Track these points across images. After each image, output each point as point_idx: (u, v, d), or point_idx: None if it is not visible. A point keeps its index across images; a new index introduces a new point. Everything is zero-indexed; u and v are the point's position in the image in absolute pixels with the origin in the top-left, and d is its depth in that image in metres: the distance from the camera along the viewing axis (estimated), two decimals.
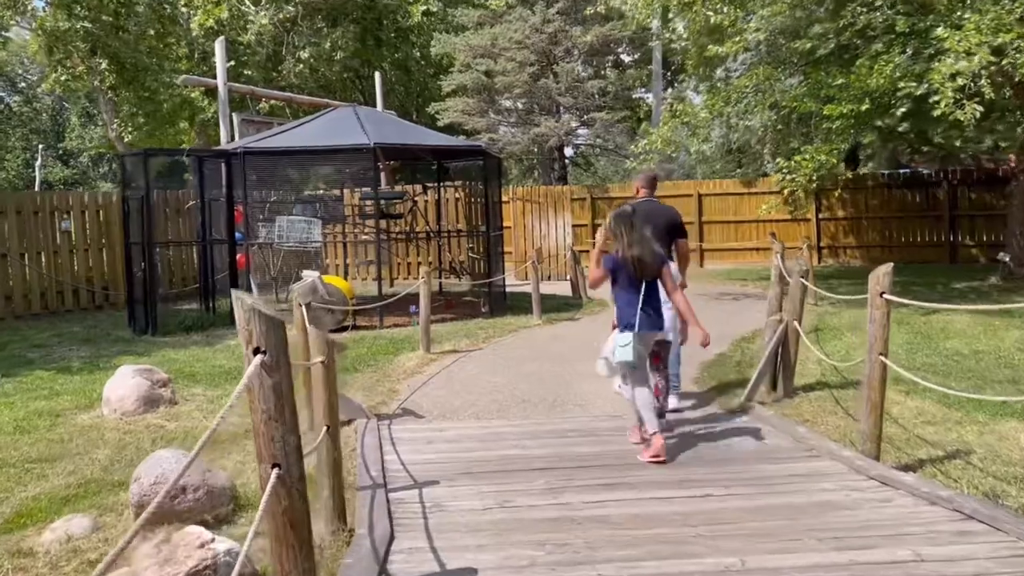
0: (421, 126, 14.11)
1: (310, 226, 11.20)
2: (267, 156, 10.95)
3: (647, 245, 4.69)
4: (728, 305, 12.66)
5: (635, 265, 4.66)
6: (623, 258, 4.68)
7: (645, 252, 4.65)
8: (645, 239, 4.69)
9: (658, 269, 4.74)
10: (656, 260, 4.72)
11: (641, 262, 4.65)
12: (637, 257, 4.64)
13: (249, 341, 2.41)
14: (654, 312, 4.77)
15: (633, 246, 4.65)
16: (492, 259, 12.85)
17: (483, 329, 10.67)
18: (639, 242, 4.66)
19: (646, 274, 4.70)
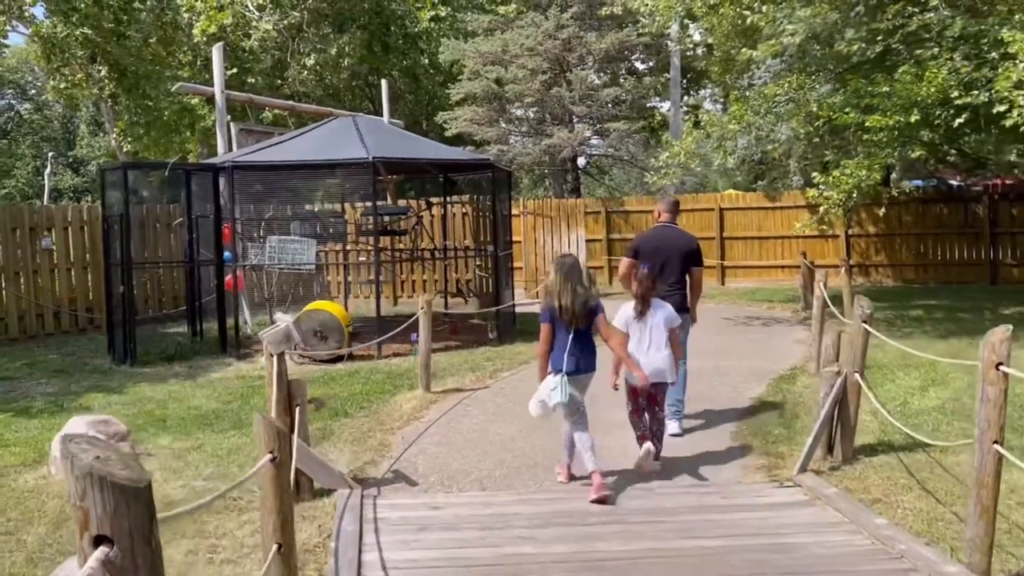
0: (426, 138, 13.22)
1: (304, 247, 10.30)
2: (257, 171, 10.07)
3: (576, 295, 4.98)
4: (757, 332, 11.67)
5: (564, 312, 4.97)
6: (554, 306, 5.01)
7: (573, 301, 4.96)
8: (576, 291, 4.98)
9: (587, 317, 5.03)
10: (583, 309, 5.00)
11: (569, 310, 4.96)
12: (565, 306, 4.96)
13: (85, 526, 1.47)
14: (584, 355, 5.05)
15: (563, 295, 4.97)
16: (500, 279, 11.94)
17: (490, 360, 9.74)
18: (569, 292, 4.97)
19: (574, 321, 4.99)
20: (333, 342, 9.84)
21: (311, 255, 10.38)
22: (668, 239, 6.33)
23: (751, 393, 7.65)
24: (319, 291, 16.63)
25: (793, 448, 5.79)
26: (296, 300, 13.72)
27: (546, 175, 27.59)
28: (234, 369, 9.63)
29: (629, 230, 18.58)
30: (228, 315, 10.91)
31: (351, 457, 5.98)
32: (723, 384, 8.10)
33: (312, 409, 5.32)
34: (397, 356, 10.10)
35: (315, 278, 16.67)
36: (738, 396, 7.56)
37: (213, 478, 5.59)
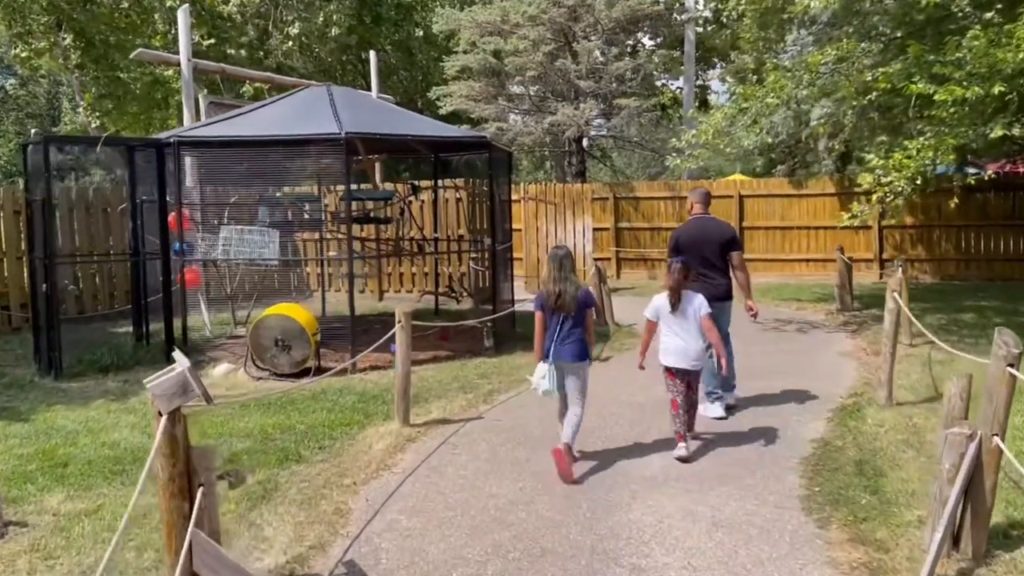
0: (416, 113, 11.57)
1: (266, 238, 8.70)
2: (208, 147, 8.45)
3: (567, 285, 5.21)
4: (793, 340, 10.10)
5: (554, 300, 5.19)
6: (546, 293, 5.25)
7: (563, 290, 5.18)
8: (567, 280, 5.22)
9: (577, 308, 5.21)
10: (573, 300, 5.19)
11: (559, 298, 5.18)
12: (556, 294, 5.19)
13: None
14: (571, 343, 5.23)
15: (556, 283, 5.19)
16: (498, 274, 10.35)
17: (485, 377, 8.18)
18: (561, 281, 5.20)
19: (563, 309, 5.19)
20: (297, 353, 8.27)
21: (274, 248, 8.77)
22: (704, 230, 6.44)
23: (810, 432, 6.09)
24: (297, 285, 15.07)
25: (895, 531, 4.23)
26: (269, 296, 12.14)
27: (547, 158, 25.93)
28: None
29: (639, 219, 17.01)
30: (179, 315, 9.38)
31: (293, 535, 4.42)
32: (771, 416, 6.54)
33: (227, 487, 3.75)
34: (375, 369, 8.53)
35: (292, 271, 15.12)
36: (794, 436, 6.00)
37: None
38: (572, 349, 5.23)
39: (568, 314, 5.19)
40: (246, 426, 6.49)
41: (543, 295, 5.28)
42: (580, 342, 5.26)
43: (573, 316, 5.21)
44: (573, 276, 5.28)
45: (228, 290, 11.05)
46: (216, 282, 10.93)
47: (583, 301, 5.24)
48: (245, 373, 8.36)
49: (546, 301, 5.24)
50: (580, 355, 5.26)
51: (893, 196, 8.66)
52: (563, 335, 5.21)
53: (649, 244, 16.80)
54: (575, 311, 5.20)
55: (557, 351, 5.21)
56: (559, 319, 5.21)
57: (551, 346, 5.21)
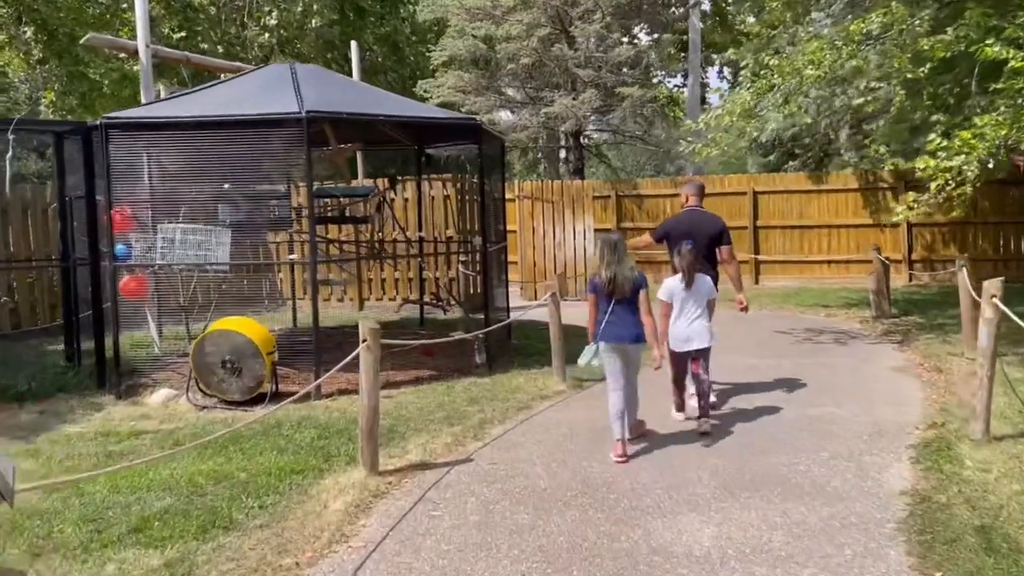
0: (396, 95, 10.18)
1: (212, 238, 7.29)
2: (144, 132, 7.05)
3: (620, 269, 5.28)
4: (832, 353, 8.73)
5: (608, 284, 5.28)
6: (600, 278, 5.33)
7: (617, 273, 5.27)
8: (621, 263, 5.30)
9: (630, 290, 5.30)
10: (627, 282, 5.28)
11: (612, 282, 5.27)
12: (610, 278, 5.27)
13: None
14: (621, 326, 5.30)
15: (610, 267, 5.28)
16: (491, 279, 8.97)
17: (475, 403, 6.80)
18: (615, 264, 5.29)
19: (616, 293, 5.28)
20: (249, 377, 6.87)
21: (223, 251, 7.37)
22: (697, 222, 6.49)
23: (895, 479, 4.72)
24: (270, 292, 13.66)
25: None
26: (231, 306, 10.71)
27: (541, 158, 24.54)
28: (103, 416, 6.66)
29: (644, 218, 15.65)
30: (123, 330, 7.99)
31: None
32: (838, 456, 5.18)
33: None
34: (345, 393, 7.13)
35: (264, 277, 13.72)
36: (877, 487, 4.63)
37: None
38: (630, 330, 5.30)
39: (623, 297, 5.27)
40: (171, 475, 5.09)
41: (598, 279, 5.35)
42: (637, 324, 5.32)
43: (628, 299, 5.29)
44: (627, 259, 5.35)
45: (181, 300, 9.62)
46: (167, 290, 9.49)
47: (637, 284, 5.31)
48: (188, 401, 6.96)
49: (601, 286, 5.31)
50: (637, 337, 5.32)
51: (956, 184, 7.31)
52: (618, 317, 5.28)
53: (654, 245, 15.40)
54: (630, 294, 5.29)
55: (613, 332, 5.28)
56: (613, 302, 5.29)
57: (603, 327, 5.29)
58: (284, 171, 8.65)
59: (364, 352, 4.91)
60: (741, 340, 9.48)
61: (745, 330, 10.19)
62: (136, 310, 8.90)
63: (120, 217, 7.93)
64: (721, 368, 8.01)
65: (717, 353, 8.49)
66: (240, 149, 7.03)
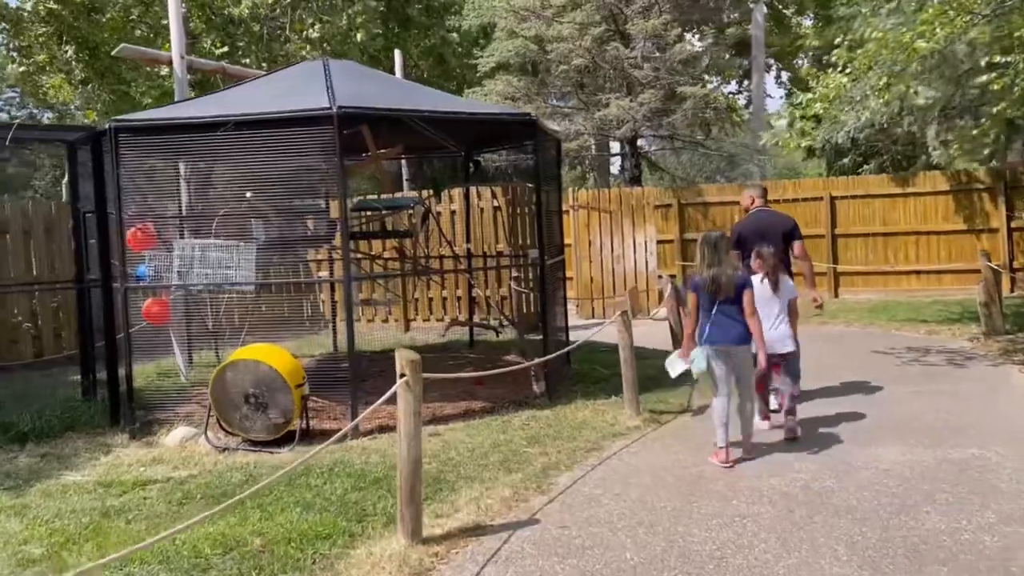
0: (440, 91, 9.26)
1: (234, 255, 6.43)
2: (156, 135, 6.23)
3: (723, 268, 5.10)
4: (948, 376, 7.47)
5: (711, 284, 5.09)
6: (702, 277, 5.15)
7: (720, 273, 5.08)
8: (724, 263, 5.13)
9: (736, 290, 5.10)
10: (731, 282, 5.09)
11: (715, 282, 5.08)
12: (713, 278, 5.08)
13: None
14: (725, 327, 5.10)
15: (713, 267, 5.11)
16: (548, 297, 7.92)
17: (536, 443, 5.78)
18: (717, 264, 5.11)
19: (720, 293, 5.07)
20: (276, 412, 5.95)
21: (247, 269, 6.49)
22: (767, 222, 6.41)
23: None
24: (311, 314, 12.86)
25: None
26: (269, 329, 9.89)
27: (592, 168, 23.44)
28: (110, 461, 5.80)
29: (709, 228, 14.46)
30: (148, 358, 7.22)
31: None
32: (1005, 518, 4.03)
33: None
34: (385, 431, 6.17)
35: (305, 298, 12.93)
36: None
37: None
38: (734, 332, 5.13)
39: (727, 297, 5.11)
40: (171, 542, 4.17)
41: (699, 279, 5.20)
42: (742, 324, 5.14)
43: (732, 299, 5.12)
44: (728, 258, 5.24)
45: (210, 323, 8.81)
46: (195, 313, 8.71)
47: (741, 283, 5.16)
48: (207, 442, 6.07)
49: (704, 286, 5.15)
50: (742, 338, 5.16)
51: None
52: (722, 318, 5.12)
53: None
54: (734, 294, 5.11)
55: (716, 333, 5.13)
56: (716, 302, 5.13)
57: (705, 328, 5.16)
58: (318, 179, 7.78)
59: (402, 391, 3.93)
60: (837, 361, 8.30)
61: (838, 350, 9.00)
62: (160, 336, 8.15)
63: (142, 234, 7.15)
64: (826, 396, 6.91)
65: (815, 378, 7.39)
66: (265, 153, 6.15)
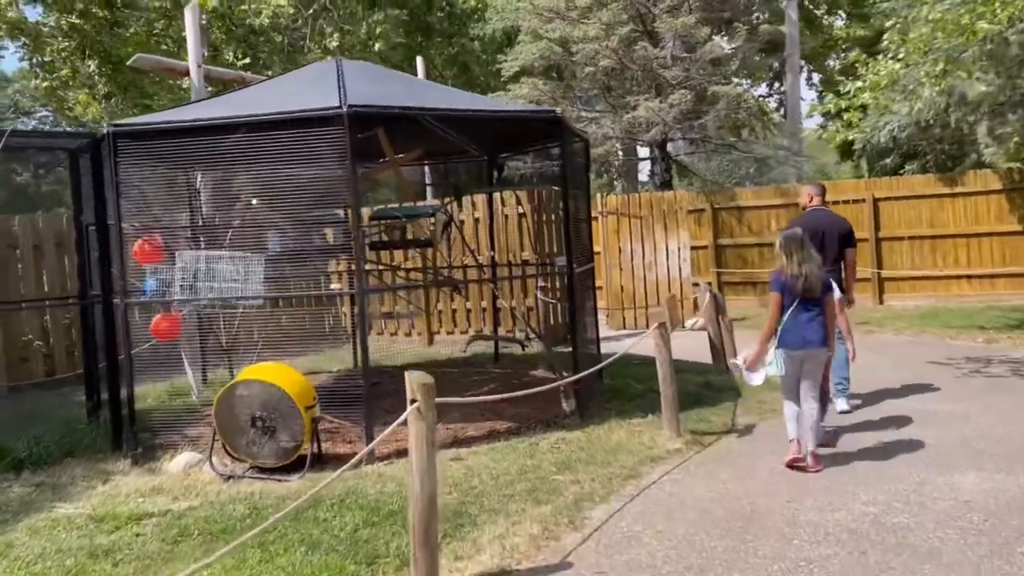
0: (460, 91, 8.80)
1: (241, 268, 6.00)
2: (157, 140, 5.83)
3: (812, 267, 4.98)
4: (1018, 389, 6.84)
5: (801, 284, 4.94)
6: (791, 275, 4.98)
7: (809, 272, 4.95)
8: (811, 261, 5.00)
9: (821, 291, 5.01)
10: (819, 282, 4.99)
11: (805, 281, 4.95)
12: (802, 276, 4.95)
13: None
14: (808, 329, 4.99)
15: (801, 266, 4.97)
16: (577, 307, 7.37)
17: (566, 469, 5.26)
18: (806, 262, 4.98)
19: (810, 293, 4.96)
20: (286, 437, 5.50)
21: (254, 282, 6.06)
22: (825, 221, 6.31)
23: None
24: (332, 327, 12.46)
25: None
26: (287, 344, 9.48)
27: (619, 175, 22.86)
28: (107, 490, 5.38)
29: (745, 233, 13.91)
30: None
31: None
32: None
33: None
34: (403, 455, 5.67)
35: (326, 310, 12.53)
36: None
37: None
38: (816, 333, 5.04)
39: (812, 297, 5.01)
40: None
41: (784, 277, 5.05)
42: (823, 327, 5.06)
43: (816, 300, 5.03)
44: (816, 256, 5.12)
45: (223, 340, 8.43)
46: (207, 329, 8.32)
47: (828, 283, 5.10)
48: (211, 468, 5.63)
49: (790, 285, 5.02)
50: (823, 340, 5.07)
51: None
52: (805, 319, 5.02)
53: (758, 263, 13.64)
54: (820, 294, 5.03)
55: (800, 336, 5.03)
56: (799, 302, 5.02)
57: (788, 331, 5.04)
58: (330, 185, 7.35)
59: (413, 420, 3.44)
60: (891, 373, 7.70)
61: (889, 360, 8.39)
62: (172, 353, 7.76)
63: (149, 247, 6.77)
64: (882, 412, 6.34)
65: (868, 391, 6.83)
66: (273, 158, 5.73)
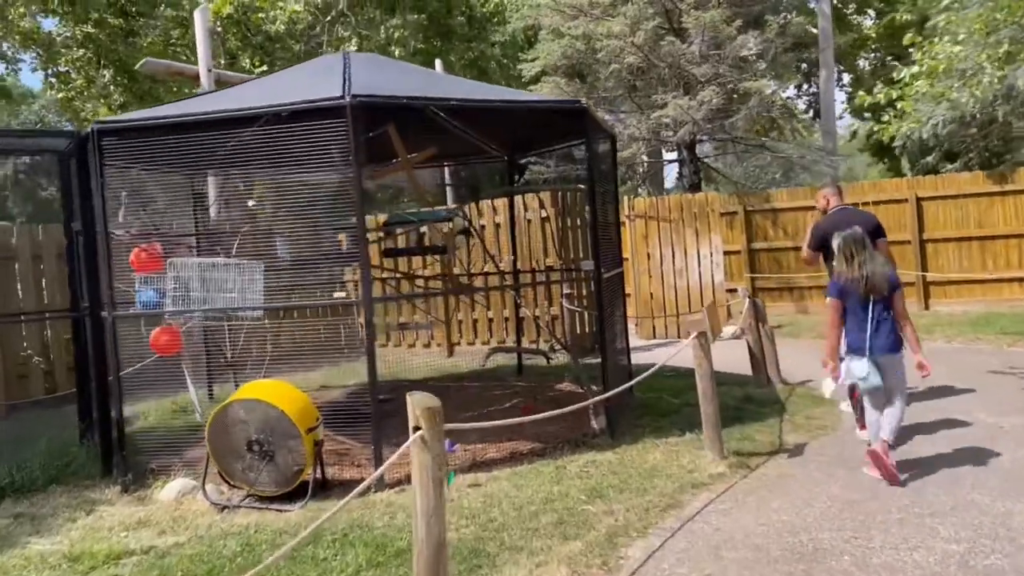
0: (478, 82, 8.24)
1: (236, 276, 5.49)
2: (144, 137, 5.34)
3: (875, 265, 4.72)
4: None
5: (864, 284, 4.68)
6: (851, 279, 4.73)
7: (873, 271, 4.69)
8: (874, 259, 4.75)
9: (888, 290, 4.71)
10: (885, 281, 4.71)
11: (868, 281, 4.68)
12: (864, 276, 4.68)
13: None
14: (882, 334, 4.70)
15: (864, 266, 4.70)
16: (606, 316, 6.76)
17: (598, 497, 4.68)
18: (869, 261, 4.71)
19: (876, 292, 4.69)
20: (286, 461, 4.97)
21: (254, 292, 5.54)
22: (852, 220, 5.80)
23: None
24: (348, 338, 11.96)
25: None
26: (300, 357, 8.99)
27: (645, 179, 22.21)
28: (89, 523, 4.87)
29: (780, 236, 13.23)
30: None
31: None
32: None
33: None
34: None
35: (342, 321, 12.04)
36: None
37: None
38: (888, 340, 4.70)
39: (879, 298, 4.69)
40: None
41: (843, 280, 4.77)
42: (894, 331, 4.72)
43: (883, 300, 4.70)
44: (877, 256, 4.81)
45: (228, 355, 7.94)
46: (212, 342, 7.86)
47: (894, 281, 4.77)
48: (204, 497, 5.11)
49: (850, 287, 4.72)
50: (896, 346, 4.73)
51: None
52: (876, 324, 4.68)
53: (794, 267, 12.96)
54: (887, 293, 4.70)
55: (877, 342, 4.67)
56: (868, 306, 4.70)
57: (864, 336, 4.68)
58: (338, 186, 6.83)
59: (417, 451, 2.88)
60: (949, 385, 7.04)
61: (945, 370, 7.71)
62: (174, 368, 7.29)
63: (147, 255, 6.31)
64: (946, 428, 5.70)
65: (927, 405, 6.21)
66: (271, 155, 5.22)
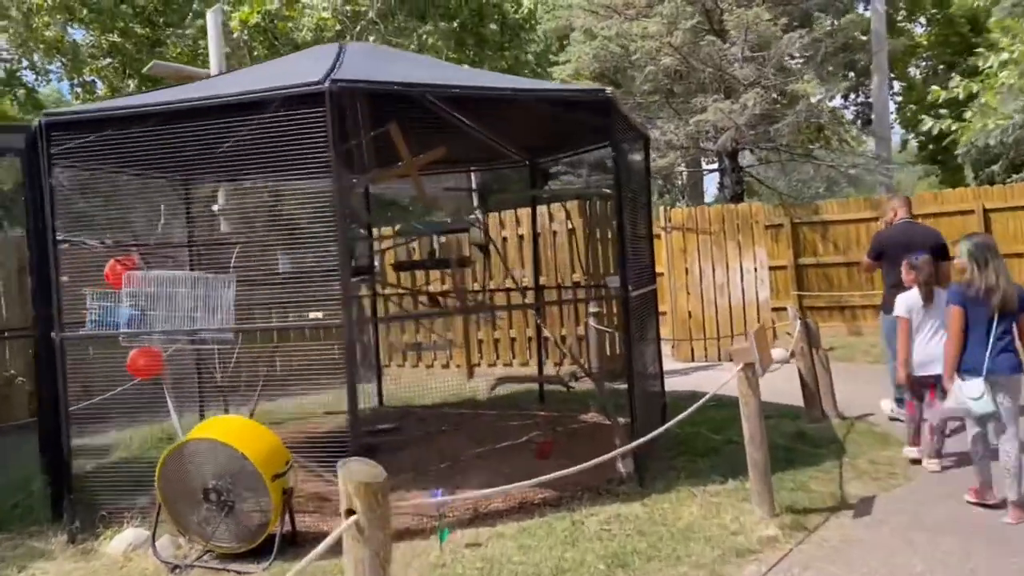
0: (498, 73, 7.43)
1: (208, 290, 4.74)
2: (100, 130, 4.62)
3: (1008, 279, 4.33)
4: None
5: (990, 295, 4.28)
6: (984, 288, 4.30)
7: (1007, 285, 4.29)
8: (1006, 272, 4.37)
9: (1018, 305, 4.29)
10: (1015, 296, 4.28)
11: (999, 292, 4.27)
12: (995, 287, 4.27)
13: None
14: (1006, 353, 4.29)
15: (993, 274, 4.31)
16: (635, 339, 5.80)
17: (622, 567, 3.82)
18: (1002, 272, 4.33)
19: (1006, 307, 4.29)
20: (246, 514, 4.17)
21: (224, 308, 4.78)
22: (915, 235, 6.01)
23: None
24: (362, 360, 11.22)
25: None
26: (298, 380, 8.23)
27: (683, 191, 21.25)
28: None
29: (830, 251, 12.20)
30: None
31: None
32: None
33: None
34: (406, 537, 4.30)
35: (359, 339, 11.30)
36: None
37: None
38: (1009, 360, 4.29)
39: (1008, 313, 4.27)
40: None
41: (974, 289, 4.31)
42: (1015, 351, 4.31)
43: (1010, 316, 4.28)
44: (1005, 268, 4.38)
45: (218, 377, 7.20)
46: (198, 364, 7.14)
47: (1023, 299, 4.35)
48: (154, 554, 4.33)
49: (979, 297, 4.29)
50: (1017, 367, 4.30)
51: None
52: (997, 339, 4.25)
53: (846, 285, 11.91)
54: (1017, 310, 4.29)
55: (1005, 361, 4.26)
56: (992, 320, 4.26)
57: (983, 353, 4.26)
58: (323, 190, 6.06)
59: (351, 545, 2.04)
60: None
61: None
62: (152, 394, 6.57)
63: (123, 268, 5.60)
64: None
65: None
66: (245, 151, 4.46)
